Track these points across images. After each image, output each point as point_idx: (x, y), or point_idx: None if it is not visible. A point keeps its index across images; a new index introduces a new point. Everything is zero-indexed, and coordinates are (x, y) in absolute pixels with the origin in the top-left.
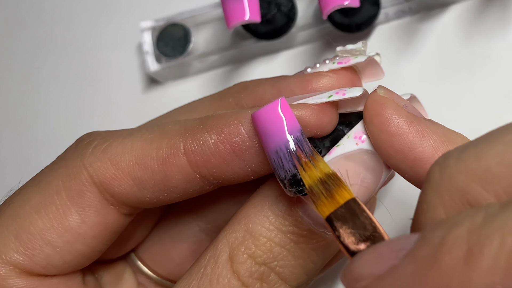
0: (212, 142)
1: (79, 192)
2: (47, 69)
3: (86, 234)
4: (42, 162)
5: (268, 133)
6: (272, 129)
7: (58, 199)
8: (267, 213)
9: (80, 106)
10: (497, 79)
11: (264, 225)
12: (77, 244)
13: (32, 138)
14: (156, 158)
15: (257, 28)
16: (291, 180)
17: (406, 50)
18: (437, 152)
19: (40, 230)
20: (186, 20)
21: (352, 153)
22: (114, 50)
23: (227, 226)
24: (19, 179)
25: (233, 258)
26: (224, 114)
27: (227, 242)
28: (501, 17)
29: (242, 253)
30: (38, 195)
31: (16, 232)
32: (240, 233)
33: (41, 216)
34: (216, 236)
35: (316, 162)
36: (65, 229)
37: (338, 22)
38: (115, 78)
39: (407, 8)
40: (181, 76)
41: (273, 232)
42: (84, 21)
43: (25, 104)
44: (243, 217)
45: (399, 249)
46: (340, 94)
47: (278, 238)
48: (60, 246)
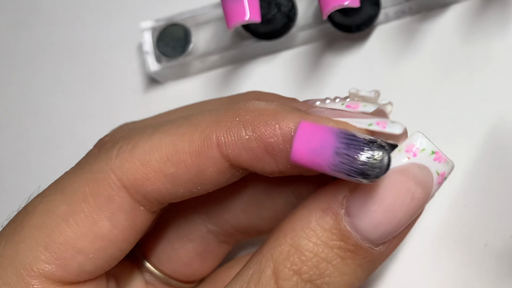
0: (247, 138)
1: (108, 198)
2: (47, 69)
3: (117, 238)
4: (42, 162)
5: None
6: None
7: (86, 207)
8: (314, 227)
9: (80, 106)
10: (497, 79)
11: (311, 240)
12: (109, 249)
13: (32, 138)
14: (189, 152)
15: (257, 28)
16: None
17: (406, 50)
18: None
19: (71, 239)
20: (186, 20)
21: (404, 167)
22: (114, 50)
23: (271, 239)
24: (19, 179)
25: (278, 274)
26: (262, 111)
27: (271, 257)
28: (501, 17)
29: (288, 269)
30: (64, 203)
31: (45, 243)
32: (285, 247)
33: (70, 225)
34: (259, 249)
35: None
36: (96, 236)
37: (338, 22)
38: (115, 78)
39: (407, 8)
40: (181, 76)
41: (320, 247)
42: (84, 21)
43: (26, 104)
44: (289, 231)
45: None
46: (381, 126)
47: (325, 253)
48: (92, 253)
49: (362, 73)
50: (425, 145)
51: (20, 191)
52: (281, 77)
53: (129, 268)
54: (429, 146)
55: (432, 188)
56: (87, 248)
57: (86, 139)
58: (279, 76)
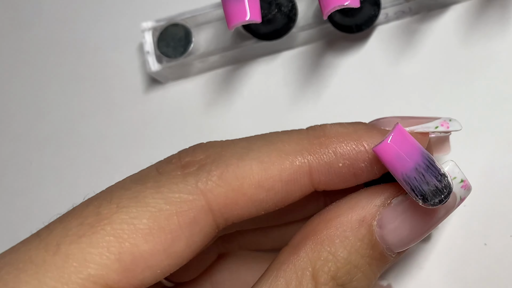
0: (340, 165)
1: (193, 220)
2: (48, 70)
3: (186, 256)
4: (43, 162)
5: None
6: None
7: (168, 225)
8: (351, 237)
9: (81, 106)
10: (497, 79)
11: (347, 248)
12: (174, 266)
13: (33, 138)
14: (281, 180)
15: (258, 28)
16: (434, 191)
17: (406, 51)
18: None
19: (146, 254)
20: (187, 20)
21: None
22: (115, 50)
23: (307, 243)
24: (20, 179)
25: (318, 279)
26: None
27: (309, 261)
28: (501, 17)
29: (326, 274)
30: (147, 219)
31: (118, 253)
32: (324, 254)
33: (148, 241)
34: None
35: None
36: (169, 255)
37: (339, 22)
38: (116, 78)
39: (407, 9)
40: (182, 76)
41: (353, 255)
42: (85, 22)
43: (26, 104)
44: (327, 239)
45: None
46: (445, 126)
47: (357, 260)
48: (160, 269)
49: (362, 73)
50: (457, 174)
51: (20, 191)
52: (281, 77)
53: None
54: (460, 175)
55: (452, 210)
56: (157, 265)
57: (86, 139)
58: (279, 76)
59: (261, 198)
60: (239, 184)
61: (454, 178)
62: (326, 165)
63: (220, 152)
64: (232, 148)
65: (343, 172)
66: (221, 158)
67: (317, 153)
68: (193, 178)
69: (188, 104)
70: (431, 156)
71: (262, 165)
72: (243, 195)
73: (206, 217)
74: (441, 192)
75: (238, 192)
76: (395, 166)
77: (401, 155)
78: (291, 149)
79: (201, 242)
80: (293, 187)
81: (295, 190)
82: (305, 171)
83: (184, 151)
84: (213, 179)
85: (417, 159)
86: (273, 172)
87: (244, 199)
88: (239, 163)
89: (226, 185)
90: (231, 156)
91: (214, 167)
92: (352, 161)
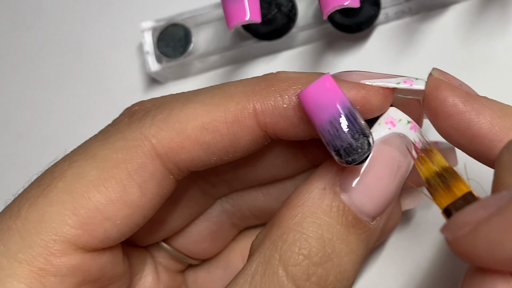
0: (284, 106)
1: (141, 165)
2: (47, 70)
3: (145, 206)
4: (43, 162)
5: (319, 106)
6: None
7: (118, 173)
8: (315, 208)
9: (81, 106)
10: (497, 79)
11: (316, 222)
12: (136, 217)
13: (33, 138)
14: (225, 121)
15: (258, 28)
16: (348, 149)
17: (406, 50)
18: (494, 127)
19: (100, 205)
20: (187, 20)
21: (387, 137)
22: (114, 50)
23: (273, 228)
24: (20, 179)
25: (287, 261)
26: (296, 79)
27: (274, 245)
28: (501, 17)
29: (296, 253)
30: (95, 169)
31: (73, 207)
32: (290, 233)
33: (100, 191)
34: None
35: (433, 156)
36: (125, 203)
37: (339, 22)
38: (115, 78)
39: (407, 8)
40: (182, 76)
41: (324, 227)
42: (85, 21)
43: (26, 104)
44: (290, 217)
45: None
46: (408, 83)
47: (329, 232)
48: (120, 220)
49: None
50: (401, 116)
51: (20, 191)
52: None
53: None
54: (404, 116)
55: (410, 156)
56: (115, 215)
57: (86, 139)
58: None
59: (207, 140)
60: (182, 127)
61: (400, 120)
62: (270, 106)
63: (169, 99)
64: (180, 95)
65: (288, 114)
66: (166, 104)
67: (262, 94)
68: (137, 124)
69: None
70: (353, 111)
71: (205, 107)
72: (188, 137)
73: (153, 162)
74: (355, 151)
75: (182, 135)
76: (313, 115)
77: (319, 104)
78: (236, 91)
79: (156, 190)
80: (239, 129)
81: (243, 133)
82: (250, 112)
83: (136, 102)
84: (156, 123)
85: (333, 111)
86: (217, 113)
87: (190, 142)
88: (182, 107)
89: (169, 128)
90: (176, 101)
91: (158, 112)
92: (297, 103)
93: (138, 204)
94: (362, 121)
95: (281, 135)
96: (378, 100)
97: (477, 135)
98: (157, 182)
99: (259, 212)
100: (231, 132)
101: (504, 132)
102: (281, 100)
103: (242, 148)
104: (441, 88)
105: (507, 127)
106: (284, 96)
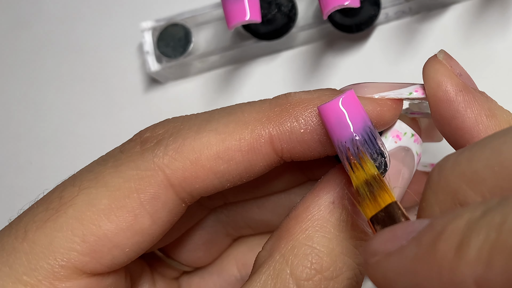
0: (301, 131)
1: (154, 195)
2: (48, 70)
3: (155, 233)
4: (43, 162)
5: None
6: (346, 119)
7: (129, 203)
8: (325, 223)
9: (81, 107)
10: (497, 79)
11: (326, 236)
12: (144, 244)
13: (33, 138)
14: (240, 150)
15: (258, 28)
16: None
17: (406, 50)
18: (478, 125)
19: (110, 233)
20: (187, 20)
21: (394, 151)
22: (114, 50)
23: (281, 242)
24: (20, 179)
25: (299, 275)
26: (309, 101)
27: (284, 259)
28: (501, 17)
29: (309, 268)
30: (107, 198)
31: (83, 234)
32: (300, 248)
33: (111, 220)
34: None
35: (364, 163)
36: (135, 232)
37: (339, 22)
38: (115, 78)
39: (407, 9)
40: (182, 76)
41: (334, 241)
42: (85, 22)
43: (26, 105)
44: (300, 232)
45: (410, 231)
46: (420, 92)
47: (340, 246)
48: (129, 247)
49: (362, 73)
50: (406, 129)
51: (21, 191)
52: (281, 77)
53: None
54: (409, 129)
55: (414, 169)
56: (124, 243)
57: (86, 139)
58: (279, 76)
59: (222, 169)
60: (196, 156)
61: (405, 133)
62: (287, 132)
63: (180, 126)
64: (192, 121)
65: (306, 139)
66: (179, 132)
67: (277, 120)
68: (150, 153)
69: (188, 104)
70: (374, 131)
71: (219, 135)
72: (202, 167)
73: (166, 192)
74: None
75: (197, 165)
76: (333, 130)
77: (342, 120)
78: (250, 118)
79: (167, 218)
80: (255, 156)
81: (258, 160)
82: (265, 140)
83: (147, 128)
84: (170, 153)
85: (356, 129)
86: (231, 142)
87: (204, 171)
88: (196, 136)
89: (183, 158)
90: (189, 129)
91: (171, 141)
92: (314, 126)
93: (149, 232)
94: (380, 141)
95: (297, 158)
96: (391, 115)
97: (460, 127)
98: (169, 210)
99: (254, 223)
100: (246, 160)
101: (487, 132)
102: (298, 125)
103: (257, 173)
104: (440, 71)
105: (491, 128)
106: (300, 121)
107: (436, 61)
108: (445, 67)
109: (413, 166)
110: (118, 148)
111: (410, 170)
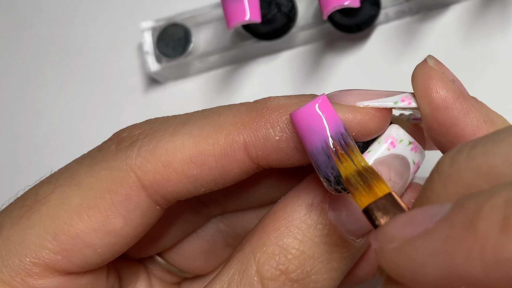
0: (276, 139)
1: (125, 196)
2: (47, 70)
3: (128, 235)
4: (42, 162)
5: (312, 129)
6: (316, 125)
7: (101, 203)
8: (300, 224)
9: (81, 106)
10: (497, 79)
11: (297, 237)
12: (118, 245)
13: (32, 138)
14: (214, 154)
15: (257, 28)
16: (338, 177)
17: (406, 50)
18: (479, 131)
19: (81, 233)
20: (187, 20)
21: (384, 159)
22: (114, 50)
23: (253, 238)
24: (20, 179)
25: (263, 274)
26: (287, 106)
27: (253, 256)
28: (501, 17)
29: (274, 268)
30: (79, 197)
31: (54, 233)
32: (270, 246)
33: (83, 220)
34: (239, 249)
35: (353, 155)
36: (107, 233)
37: (339, 22)
38: (115, 78)
39: (407, 8)
40: (182, 76)
41: (306, 244)
42: (85, 22)
43: (26, 105)
44: (273, 230)
45: (433, 215)
46: (406, 102)
47: (311, 250)
48: (101, 248)
49: (362, 73)
50: (403, 136)
51: (21, 191)
52: (281, 77)
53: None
54: (406, 137)
55: (408, 178)
56: (96, 243)
57: (86, 139)
58: (279, 76)
59: (195, 174)
60: (169, 159)
61: (401, 141)
62: (261, 139)
63: (157, 127)
64: (170, 122)
65: (281, 146)
66: (154, 133)
67: (252, 125)
68: (124, 154)
69: (187, 104)
70: (347, 138)
71: (193, 139)
72: (174, 171)
73: (139, 194)
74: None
75: (169, 168)
76: (304, 138)
77: (312, 128)
78: (226, 122)
79: (141, 220)
80: (229, 162)
81: (233, 166)
82: (239, 146)
83: (126, 127)
84: (143, 154)
85: (326, 137)
86: (205, 146)
87: (176, 175)
88: (170, 138)
89: (155, 160)
90: (164, 130)
91: (145, 142)
92: (291, 134)
93: (121, 234)
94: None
95: (275, 165)
96: (375, 124)
97: (461, 135)
98: (142, 212)
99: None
100: (220, 165)
101: None
102: (273, 132)
103: (232, 179)
104: (434, 78)
105: None
106: (276, 128)
107: (427, 67)
108: (439, 73)
109: (408, 176)
110: (98, 146)
111: (403, 179)
